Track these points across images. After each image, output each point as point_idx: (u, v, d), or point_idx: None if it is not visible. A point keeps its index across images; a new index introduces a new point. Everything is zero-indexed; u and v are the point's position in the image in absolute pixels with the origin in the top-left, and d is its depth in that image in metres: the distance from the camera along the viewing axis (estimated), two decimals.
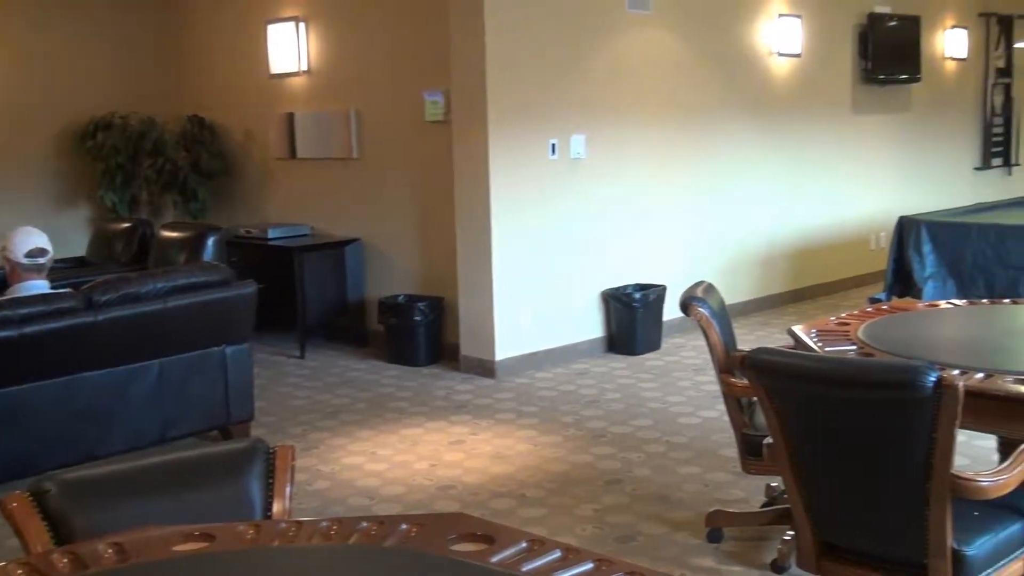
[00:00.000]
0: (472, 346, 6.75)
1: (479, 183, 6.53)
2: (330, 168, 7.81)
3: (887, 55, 9.25)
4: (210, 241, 6.87)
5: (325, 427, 5.73)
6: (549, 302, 6.88)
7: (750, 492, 4.52)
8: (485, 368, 6.65)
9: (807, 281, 8.90)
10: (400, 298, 7.13)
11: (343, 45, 7.63)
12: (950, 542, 2.64)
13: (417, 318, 6.91)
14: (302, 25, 7.84)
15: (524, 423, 5.69)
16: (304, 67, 7.88)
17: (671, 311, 6.89)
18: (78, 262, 7.64)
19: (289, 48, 7.94)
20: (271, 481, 2.31)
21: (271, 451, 2.32)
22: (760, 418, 3.28)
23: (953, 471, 2.58)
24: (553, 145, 6.78)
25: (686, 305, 3.77)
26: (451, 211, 6.76)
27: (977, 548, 2.69)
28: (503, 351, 6.65)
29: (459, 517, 2.04)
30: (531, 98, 6.64)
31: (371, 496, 4.69)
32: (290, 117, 8.00)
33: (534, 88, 6.65)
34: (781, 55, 8.38)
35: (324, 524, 2.00)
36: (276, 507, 2.30)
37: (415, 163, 7.19)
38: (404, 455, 5.22)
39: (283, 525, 2.04)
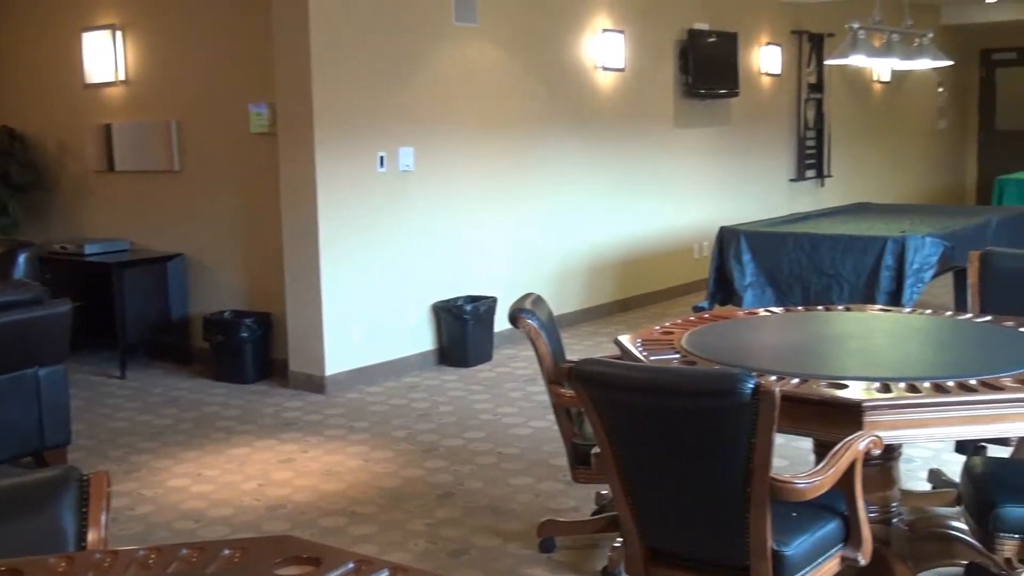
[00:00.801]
0: (301, 362, 6.63)
1: (306, 196, 6.43)
2: (150, 181, 7.57)
3: (707, 70, 9.54)
4: (21, 258, 6.52)
5: (148, 449, 5.53)
6: (379, 315, 6.83)
7: (581, 501, 4.58)
8: (315, 384, 6.55)
9: (634, 290, 9.10)
10: (226, 314, 6.96)
11: (163, 54, 7.41)
12: (770, 543, 2.72)
13: (244, 334, 6.75)
14: (119, 33, 7.58)
15: (355, 439, 5.62)
16: (122, 76, 7.62)
17: (502, 323, 6.92)
18: None
19: (105, 57, 7.66)
20: (85, 510, 2.20)
21: (84, 478, 2.22)
22: (589, 428, 3.32)
23: (772, 474, 2.66)
24: (381, 158, 6.74)
25: (515, 317, 3.79)
26: (278, 224, 6.64)
27: (795, 548, 2.78)
28: (333, 366, 6.56)
29: (284, 540, 1.99)
30: (358, 110, 6.58)
31: (197, 519, 4.55)
32: (107, 128, 7.72)
33: (361, 100, 6.60)
34: (605, 69, 8.55)
35: (142, 553, 1.91)
36: (91, 537, 2.20)
37: (240, 176, 7.03)
38: (231, 475, 5.09)
39: (98, 556, 1.95)
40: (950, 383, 3.02)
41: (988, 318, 3.99)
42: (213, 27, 7.06)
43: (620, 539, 3.67)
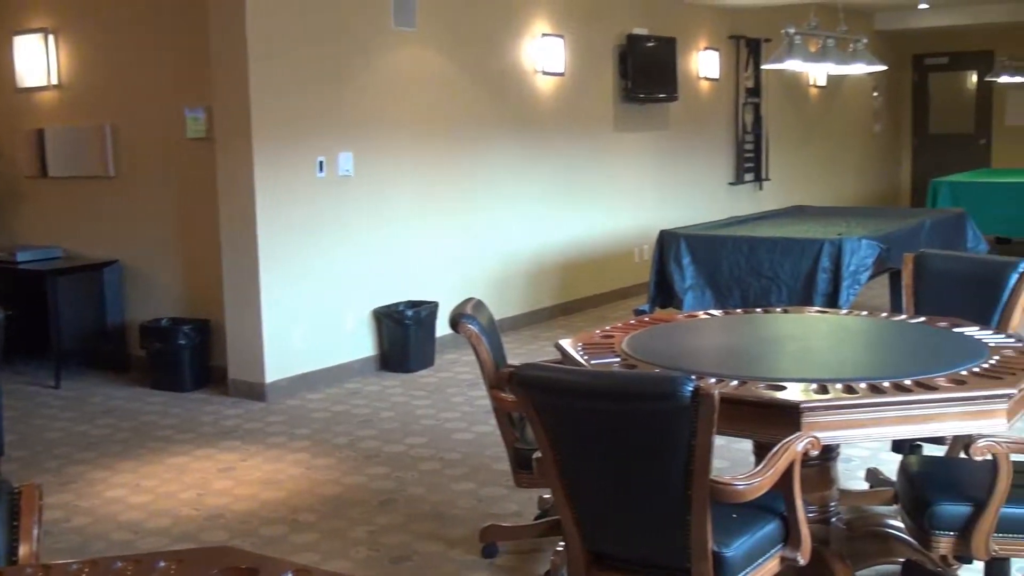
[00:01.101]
0: (241, 369, 6.56)
1: (244, 201, 6.37)
2: (85, 187, 7.45)
3: (646, 75, 9.60)
4: None
5: (84, 460, 5.44)
6: (320, 321, 6.78)
7: (523, 505, 4.58)
8: (255, 391, 6.48)
9: (576, 294, 9.12)
10: (163, 321, 6.86)
11: (97, 58, 7.30)
12: (711, 545, 2.73)
13: (182, 342, 6.66)
14: (51, 37, 7.45)
15: (296, 446, 5.57)
16: (54, 81, 7.49)
17: (444, 327, 6.89)
18: None
19: (37, 61, 7.52)
20: (16, 524, 2.16)
21: (15, 491, 2.17)
22: (531, 432, 3.32)
23: (712, 476, 2.67)
24: (321, 162, 6.69)
25: (455, 322, 3.78)
26: (216, 231, 6.57)
27: (736, 549, 2.80)
28: (273, 373, 6.50)
29: (222, 550, 1.96)
30: (297, 115, 6.54)
31: (135, 531, 4.47)
32: (40, 133, 7.58)
33: (300, 104, 6.55)
34: (545, 73, 8.57)
35: (75, 566, 1.88)
36: (23, 551, 2.16)
37: (177, 181, 6.95)
38: (170, 485, 5.02)
39: (29, 570, 1.91)
40: (886, 384, 3.06)
41: (922, 319, 4.05)
42: (148, 30, 6.96)
43: (562, 543, 3.67)
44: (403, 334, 7.06)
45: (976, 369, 3.20)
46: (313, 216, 6.69)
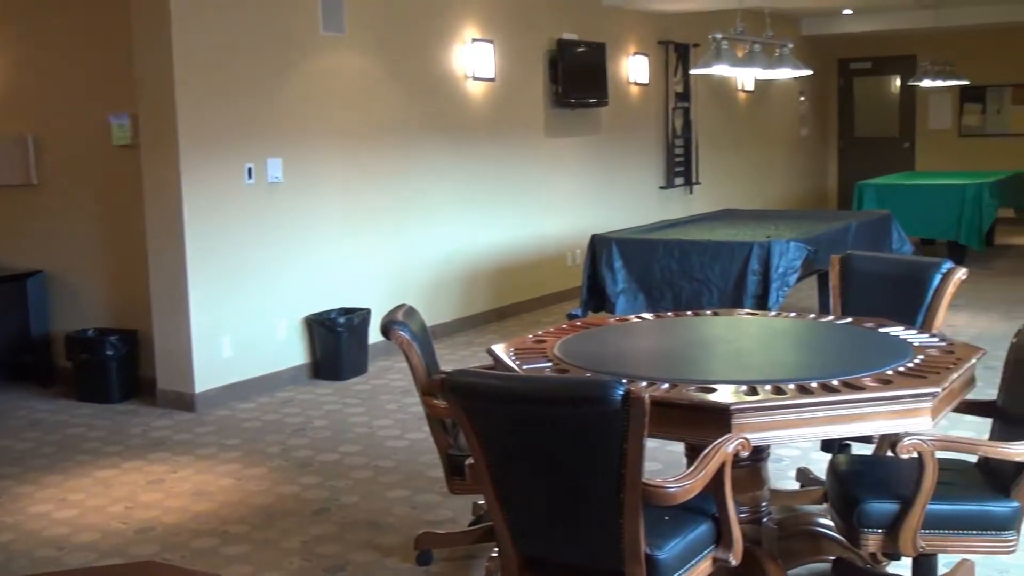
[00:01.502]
0: (170, 379, 6.46)
1: (171, 209, 6.28)
2: (6, 196, 7.28)
3: (576, 80, 9.64)
4: None
5: (8, 475, 5.31)
6: (251, 330, 6.70)
7: (458, 512, 4.56)
8: (184, 402, 6.39)
9: (510, 299, 9.13)
10: (89, 332, 6.74)
11: (17, 65, 7.14)
12: (643, 548, 2.74)
13: (109, 352, 6.55)
14: None
15: (227, 457, 5.50)
16: None
17: (377, 334, 6.86)
18: None
19: None
20: None
21: None
22: (464, 438, 3.30)
23: (644, 479, 2.68)
24: (249, 169, 6.62)
25: (386, 329, 3.75)
26: (143, 239, 6.46)
27: (668, 551, 2.81)
28: (203, 383, 6.41)
29: (148, 565, 1.93)
30: (225, 121, 6.46)
31: (60, 546, 4.38)
32: None
33: (228, 110, 6.47)
34: (475, 78, 8.57)
35: None
36: None
37: (103, 189, 6.82)
38: (97, 499, 4.92)
39: None
40: (813, 384, 3.09)
41: (849, 320, 4.11)
42: (70, 35, 6.83)
43: (497, 549, 3.67)
44: (335, 342, 7.00)
45: (901, 369, 3.26)
46: (242, 223, 6.61)
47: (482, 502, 4.29)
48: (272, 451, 5.56)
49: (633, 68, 10.80)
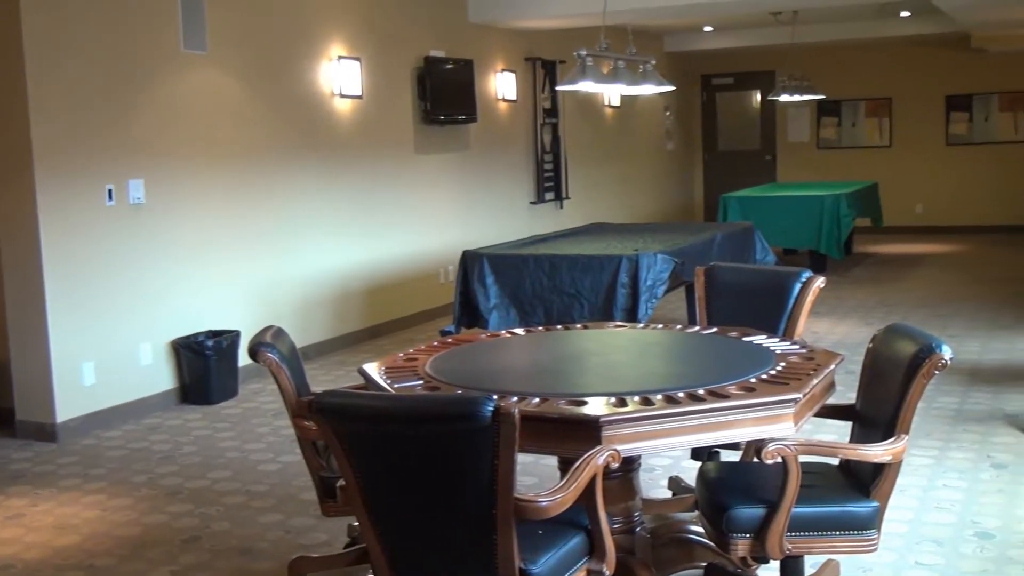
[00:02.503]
0: (29, 409, 6.23)
1: (27, 233, 6.07)
2: None
3: (445, 97, 9.65)
4: None
5: None
6: (115, 356, 6.51)
7: (333, 534, 4.50)
8: (45, 432, 6.16)
9: (383, 317, 9.07)
10: None
11: None
12: (518, 563, 2.74)
13: None
14: None
15: (91, 487, 5.32)
16: None
17: (246, 357, 6.73)
18: None
19: None
20: None
21: None
22: (335, 460, 3.26)
23: (516, 494, 2.69)
24: (110, 190, 6.44)
25: (254, 351, 3.69)
26: None
27: (542, 566, 2.82)
28: (65, 412, 6.19)
29: None
30: (83, 141, 6.27)
31: None
32: None
33: (86, 130, 6.29)
34: (343, 96, 8.51)
35: None
36: None
37: None
38: None
39: None
40: (680, 394, 3.15)
41: (714, 330, 4.20)
42: None
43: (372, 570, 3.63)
44: (204, 365, 6.85)
45: (764, 376, 3.33)
46: (104, 246, 6.43)
47: (357, 523, 4.24)
48: (139, 480, 5.41)
49: (501, 84, 10.87)
